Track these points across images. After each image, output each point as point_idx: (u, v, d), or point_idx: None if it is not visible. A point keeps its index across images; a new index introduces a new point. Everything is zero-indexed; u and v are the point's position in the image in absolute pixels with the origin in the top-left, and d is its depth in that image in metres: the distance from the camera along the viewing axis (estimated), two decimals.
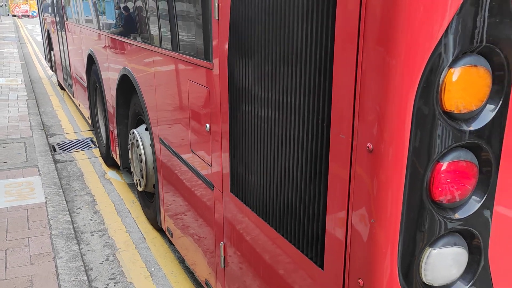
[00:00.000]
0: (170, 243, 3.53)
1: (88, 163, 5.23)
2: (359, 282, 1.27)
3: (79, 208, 4.13)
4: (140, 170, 3.54)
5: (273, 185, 1.70)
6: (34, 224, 3.61)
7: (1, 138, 5.78)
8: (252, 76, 1.74)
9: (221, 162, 2.10)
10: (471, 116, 1.15)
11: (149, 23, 2.88)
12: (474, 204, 1.24)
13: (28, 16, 47.98)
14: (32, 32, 26.25)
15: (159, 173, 3.16)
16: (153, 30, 2.83)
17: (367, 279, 1.25)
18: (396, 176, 1.15)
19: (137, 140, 3.50)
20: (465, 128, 1.15)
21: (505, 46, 1.11)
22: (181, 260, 3.31)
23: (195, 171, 2.47)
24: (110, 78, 4.13)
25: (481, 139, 1.17)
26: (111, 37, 3.92)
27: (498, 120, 1.16)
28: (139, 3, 3.08)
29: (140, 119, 3.61)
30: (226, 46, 1.89)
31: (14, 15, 49.19)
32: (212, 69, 2.05)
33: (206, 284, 2.61)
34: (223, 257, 2.28)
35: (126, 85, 3.65)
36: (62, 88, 9.25)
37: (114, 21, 3.82)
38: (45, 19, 9.52)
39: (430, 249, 1.23)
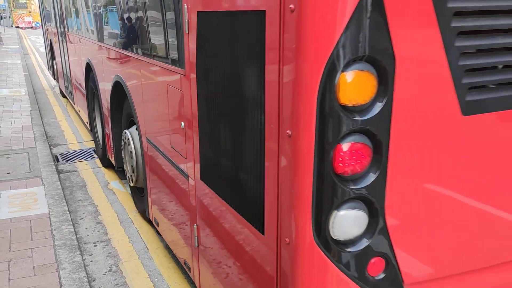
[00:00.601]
0: (173, 254, 3.53)
1: (91, 173, 5.24)
2: (286, 240, 1.66)
3: (82, 218, 4.13)
4: (131, 166, 3.88)
5: (230, 170, 2.06)
6: (37, 235, 3.61)
7: (5, 148, 5.80)
8: (213, 82, 2.09)
9: (193, 154, 2.45)
10: (363, 109, 1.48)
11: (136, 35, 3.27)
12: (370, 177, 1.56)
13: (31, 27, 48.41)
14: (35, 43, 26.47)
15: (146, 168, 3.54)
16: (139, 41, 3.21)
17: (291, 238, 1.62)
18: (307, 155, 1.50)
19: (128, 139, 3.86)
20: (358, 118, 1.47)
21: (384, 56, 1.44)
22: (184, 271, 3.30)
23: (174, 164, 2.83)
24: (105, 85, 4.52)
25: (371, 126, 1.49)
26: (105, 47, 4.31)
27: (385, 112, 1.50)
28: (128, 19, 3.46)
29: (131, 121, 3.92)
30: (195, 55, 2.23)
31: (17, 27, 49.61)
32: (185, 75, 2.39)
33: (185, 264, 2.95)
34: (196, 237, 2.63)
35: (119, 90, 3.98)
36: (63, 95, 9.59)
37: (108, 32, 4.21)
38: (47, 30, 9.99)
39: (336, 212, 1.56)
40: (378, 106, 1.49)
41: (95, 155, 5.85)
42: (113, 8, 3.87)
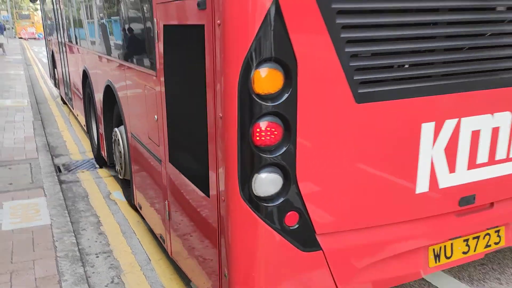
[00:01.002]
0: (176, 265, 3.51)
1: (93, 184, 5.23)
2: (222, 199, 2.14)
3: (84, 229, 4.11)
4: (120, 160, 4.37)
5: (186, 150, 2.60)
6: (39, 247, 3.60)
7: (7, 159, 5.81)
8: (174, 81, 2.62)
9: (164, 141, 2.92)
10: (273, 97, 1.97)
11: (122, 44, 3.81)
12: (283, 148, 2.05)
13: (34, 38, 48.73)
14: (38, 54, 26.63)
15: (131, 159, 4.03)
16: (124, 49, 3.77)
17: (224, 195, 2.12)
18: (233, 132, 1.99)
19: (117, 136, 4.37)
20: (270, 103, 1.97)
21: (287, 57, 1.93)
22: (187, 282, 3.27)
23: (150, 152, 3.31)
24: (98, 89, 5.00)
25: (281, 109, 1.99)
26: (98, 55, 4.84)
27: (292, 99, 1.99)
28: (115, 30, 3.99)
29: (120, 120, 4.30)
30: (162, 60, 2.72)
31: (20, 37, 49.93)
32: (156, 76, 2.90)
33: (161, 237, 3.39)
34: (167, 211, 3.06)
35: (110, 93, 4.44)
36: (64, 102, 9.99)
37: (99, 42, 4.75)
38: (49, 41, 10.54)
39: (256, 175, 2.05)
40: (285, 95, 1.99)
41: (97, 165, 5.84)
42: (103, 22, 4.47)
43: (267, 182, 2.07)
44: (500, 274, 3.36)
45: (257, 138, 2.00)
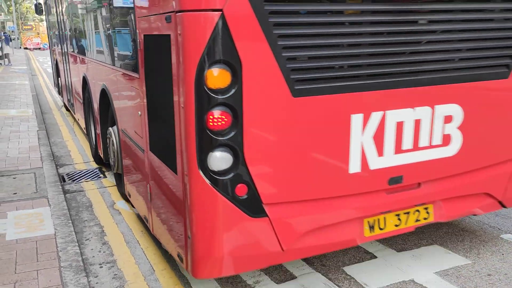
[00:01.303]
0: (180, 274, 3.49)
1: (97, 193, 5.24)
2: (186, 174, 2.66)
3: (88, 239, 4.11)
4: (113, 155, 4.84)
5: (160, 137, 3.11)
6: (43, 256, 3.59)
7: (12, 169, 5.83)
8: (151, 81, 3.16)
9: (145, 134, 3.41)
10: (223, 91, 2.48)
11: (113, 52, 4.38)
12: (232, 132, 2.55)
13: (39, 48, 49.15)
14: (43, 64, 26.85)
15: (122, 153, 4.48)
16: (115, 55, 4.28)
17: (187, 171, 2.64)
18: (191, 119, 2.52)
19: (111, 134, 4.80)
20: (220, 96, 2.48)
21: (233, 60, 2.44)
22: None
23: (136, 144, 3.78)
24: (95, 93, 5.50)
25: (229, 101, 2.50)
26: (95, 62, 5.35)
27: (238, 93, 2.50)
28: (108, 40, 4.55)
29: (114, 120, 4.71)
30: (143, 63, 3.24)
31: (26, 48, 50.35)
32: (139, 78, 3.39)
33: (145, 218, 3.81)
34: (149, 193, 3.51)
35: (105, 96, 4.92)
36: (67, 109, 10.40)
37: (95, 51, 5.29)
38: (53, 51, 11.16)
39: (211, 153, 2.56)
40: (233, 89, 2.50)
41: (101, 175, 5.85)
42: (99, 33, 4.99)
43: (219, 159, 2.58)
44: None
45: (211, 123, 2.51)
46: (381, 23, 2.81)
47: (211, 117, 2.49)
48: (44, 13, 11.78)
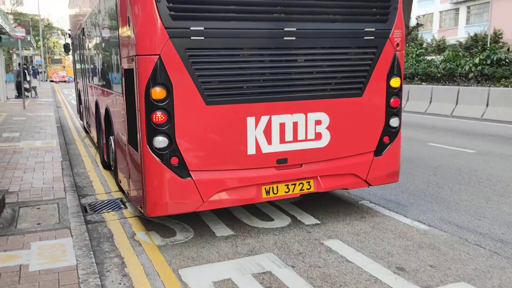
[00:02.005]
0: None
1: (118, 224, 5.28)
2: (141, 151, 4.44)
3: (108, 271, 4.12)
4: (111, 154, 6.70)
5: (130, 131, 4.81)
6: None
7: (36, 199, 5.94)
8: (128, 97, 4.74)
9: (126, 131, 4.99)
10: (162, 101, 4.25)
11: (110, 80, 6.25)
12: (167, 124, 4.31)
13: (65, 81, 50.81)
14: (67, 96, 27.68)
15: (116, 151, 6.22)
16: (111, 82, 6.12)
17: (142, 149, 4.43)
18: (143, 117, 4.30)
19: (111, 141, 6.64)
20: (160, 104, 4.25)
21: (167, 83, 4.26)
22: None
23: (122, 141, 5.44)
24: (102, 112, 7.30)
25: (166, 106, 4.27)
26: (101, 89, 7.27)
27: (170, 102, 4.28)
28: (105, 72, 6.72)
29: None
30: (124, 86, 4.86)
31: (51, 81, 52.11)
32: (122, 96, 5.01)
33: (127, 192, 5.47)
34: (128, 171, 5.17)
35: (107, 113, 6.69)
36: (86, 131, 12.34)
37: (102, 80, 7.24)
38: (77, 83, 13.31)
39: (155, 137, 4.30)
40: (167, 100, 4.24)
41: (122, 206, 5.92)
42: (102, 68, 7.22)
43: (160, 141, 4.31)
44: None
45: (155, 120, 4.25)
46: (265, 60, 4.61)
47: (155, 116, 4.23)
48: (70, 51, 14.26)
